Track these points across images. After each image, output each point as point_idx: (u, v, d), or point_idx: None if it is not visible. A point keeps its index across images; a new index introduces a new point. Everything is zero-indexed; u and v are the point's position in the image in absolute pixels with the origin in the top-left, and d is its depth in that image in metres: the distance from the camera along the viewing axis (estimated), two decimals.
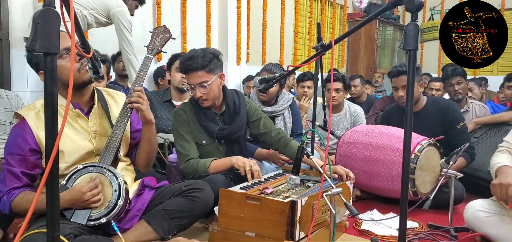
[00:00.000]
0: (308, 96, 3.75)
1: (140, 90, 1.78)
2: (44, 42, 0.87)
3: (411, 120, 1.29)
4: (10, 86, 3.29)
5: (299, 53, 6.54)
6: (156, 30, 2.03)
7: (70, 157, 1.68)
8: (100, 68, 1.47)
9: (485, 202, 2.02)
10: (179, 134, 2.24)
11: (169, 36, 2.01)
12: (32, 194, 1.62)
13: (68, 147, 1.68)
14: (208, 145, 2.27)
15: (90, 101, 1.80)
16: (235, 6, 5.10)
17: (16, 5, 3.34)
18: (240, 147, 2.38)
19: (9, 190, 1.61)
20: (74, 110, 1.73)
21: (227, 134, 2.28)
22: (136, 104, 1.75)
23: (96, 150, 1.74)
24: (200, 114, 2.25)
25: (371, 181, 2.61)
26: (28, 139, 1.62)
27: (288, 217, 1.63)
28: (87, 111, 1.78)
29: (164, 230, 1.75)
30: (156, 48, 1.97)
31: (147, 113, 1.79)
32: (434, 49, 7.94)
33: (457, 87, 3.46)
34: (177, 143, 2.25)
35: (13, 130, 1.68)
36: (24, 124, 1.64)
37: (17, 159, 1.62)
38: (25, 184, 1.63)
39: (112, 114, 1.82)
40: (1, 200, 1.63)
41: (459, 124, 2.80)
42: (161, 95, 3.05)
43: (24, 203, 1.60)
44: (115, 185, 1.64)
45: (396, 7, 3.87)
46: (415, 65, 1.30)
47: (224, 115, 2.31)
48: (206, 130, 2.26)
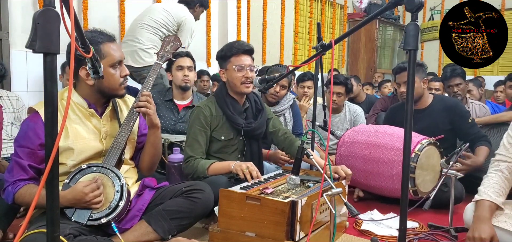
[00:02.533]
0: (308, 96, 3.75)
1: (148, 95, 1.81)
2: (44, 42, 0.87)
3: (411, 120, 1.29)
4: (10, 86, 3.29)
5: (299, 53, 6.54)
6: (166, 38, 2.12)
7: (80, 155, 1.69)
8: (100, 68, 1.47)
9: None
10: (193, 133, 2.24)
11: (179, 44, 2.11)
12: (36, 188, 1.62)
13: (79, 145, 1.69)
14: (226, 140, 2.29)
15: (105, 102, 1.82)
16: (235, 6, 5.11)
17: (16, 5, 3.34)
18: (258, 145, 2.42)
19: (15, 181, 1.61)
20: (88, 109, 1.74)
21: (253, 128, 2.31)
22: (144, 109, 1.79)
23: (105, 151, 1.76)
24: (229, 107, 2.28)
25: (371, 180, 2.61)
26: (40, 133, 1.62)
27: (288, 217, 1.63)
28: (101, 112, 1.79)
29: (164, 230, 1.74)
30: (166, 55, 2.05)
31: (154, 118, 1.82)
32: (434, 49, 7.95)
33: (456, 88, 3.47)
34: (187, 140, 2.27)
35: (25, 123, 1.68)
36: (38, 118, 1.64)
37: (26, 152, 1.62)
38: (31, 177, 1.63)
39: (122, 116, 1.85)
40: (6, 189, 1.63)
41: (469, 119, 2.84)
42: (163, 94, 3.05)
43: (27, 196, 1.60)
44: (117, 186, 1.65)
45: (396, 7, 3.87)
46: (415, 65, 1.30)
47: (247, 111, 2.36)
48: (232, 123, 2.28)
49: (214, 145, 2.29)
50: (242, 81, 2.24)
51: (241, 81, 2.24)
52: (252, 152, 2.36)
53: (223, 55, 2.31)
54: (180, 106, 3.00)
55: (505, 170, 1.91)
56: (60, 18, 0.89)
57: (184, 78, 2.95)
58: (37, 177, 1.67)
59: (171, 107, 2.98)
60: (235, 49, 2.27)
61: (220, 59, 2.34)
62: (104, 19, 3.98)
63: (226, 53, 2.29)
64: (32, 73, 3.45)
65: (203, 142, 2.24)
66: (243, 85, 2.25)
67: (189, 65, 3.00)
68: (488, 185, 1.89)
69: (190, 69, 3.01)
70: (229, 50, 2.28)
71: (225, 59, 2.29)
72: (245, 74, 2.24)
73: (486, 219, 1.78)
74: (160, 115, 2.91)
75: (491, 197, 1.83)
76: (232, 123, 2.28)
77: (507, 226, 1.78)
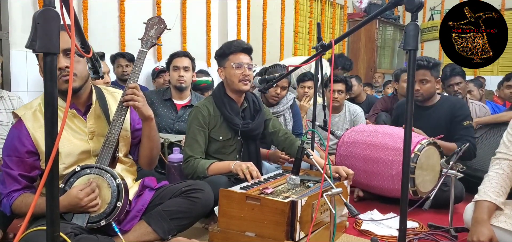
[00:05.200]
0: (309, 97, 3.75)
1: (134, 87, 1.70)
2: (44, 42, 0.87)
3: (411, 120, 1.29)
4: (9, 86, 3.29)
5: (299, 53, 6.53)
6: (150, 21, 1.88)
7: (68, 158, 1.66)
8: (100, 68, 1.47)
9: None
10: (192, 132, 2.25)
11: (164, 27, 1.88)
12: (31, 197, 1.60)
13: (65, 148, 1.65)
14: (224, 140, 2.30)
15: (88, 101, 1.75)
16: (235, 6, 5.10)
17: (16, 5, 3.34)
18: (255, 146, 2.43)
19: (9, 193, 1.60)
20: (70, 111, 1.69)
21: (250, 129, 2.32)
22: (132, 102, 1.68)
23: (94, 151, 1.71)
24: (226, 107, 2.29)
25: (371, 180, 2.61)
26: (24, 141, 1.60)
27: (288, 217, 1.63)
28: (84, 111, 1.74)
29: (164, 230, 1.74)
30: (151, 41, 1.83)
31: (144, 109, 1.71)
32: (434, 49, 7.94)
33: (456, 88, 3.47)
34: (187, 140, 2.27)
35: (11, 131, 1.66)
36: (21, 125, 1.62)
37: (15, 162, 1.60)
38: (24, 186, 1.62)
39: (111, 113, 1.78)
40: (2, 202, 1.63)
41: (466, 122, 2.82)
42: (162, 94, 3.05)
43: (23, 206, 1.59)
44: (113, 186, 1.62)
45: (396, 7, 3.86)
46: (415, 65, 1.30)
47: (245, 111, 2.37)
48: (230, 123, 2.29)
49: (212, 145, 2.30)
50: (240, 78, 2.25)
51: (239, 78, 2.25)
52: (250, 152, 2.37)
53: (221, 53, 2.32)
54: (179, 105, 3.00)
55: (506, 168, 1.91)
56: (60, 18, 0.89)
57: (179, 78, 2.94)
58: (31, 185, 1.65)
59: (170, 107, 2.98)
60: (234, 47, 2.29)
61: (218, 57, 2.35)
62: (104, 19, 3.98)
63: (224, 51, 2.30)
64: (32, 73, 3.45)
65: (202, 141, 2.24)
66: (241, 82, 2.26)
67: (185, 66, 2.99)
68: (488, 185, 1.89)
69: (187, 69, 3.00)
70: (227, 48, 2.30)
71: (223, 57, 2.31)
72: (243, 71, 2.25)
73: (485, 221, 1.78)
74: (159, 115, 2.91)
75: (490, 198, 1.83)
76: (229, 123, 2.29)
77: (506, 226, 1.78)
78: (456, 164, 2.09)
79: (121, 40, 4.10)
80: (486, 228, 1.76)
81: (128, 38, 4.11)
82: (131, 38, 4.13)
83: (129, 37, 4.12)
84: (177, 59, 3.02)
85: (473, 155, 2.80)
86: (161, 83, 4.03)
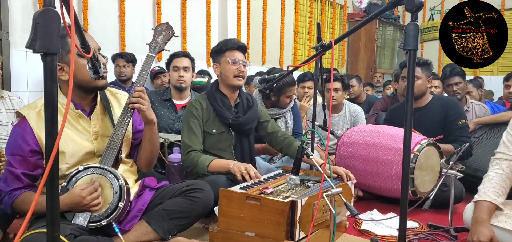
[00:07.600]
0: (309, 97, 3.75)
1: (141, 90, 1.75)
2: (44, 42, 0.87)
3: (411, 120, 1.29)
4: (9, 86, 3.29)
5: (299, 53, 6.54)
6: (158, 27, 1.98)
7: (71, 158, 1.67)
8: (100, 68, 1.47)
9: None
10: (188, 125, 2.30)
11: (172, 33, 1.98)
12: (33, 195, 1.61)
13: (69, 148, 1.66)
14: (218, 134, 2.34)
15: (92, 101, 1.77)
16: (235, 6, 5.11)
17: (16, 5, 3.35)
18: (248, 141, 2.46)
19: (10, 191, 1.60)
20: (75, 111, 1.71)
21: (240, 123, 2.36)
22: (137, 105, 1.73)
23: (97, 151, 1.73)
24: (217, 101, 2.35)
25: (370, 180, 2.61)
26: (28, 140, 1.61)
27: (288, 217, 1.63)
28: (89, 112, 1.76)
29: (164, 230, 1.74)
30: (159, 46, 1.94)
31: (148, 113, 1.76)
32: (434, 49, 7.94)
33: (456, 88, 3.47)
34: (184, 133, 2.31)
35: (14, 130, 1.66)
36: (25, 124, 1.62)
37: (18, 160, 1.61)
38: (26, 185, 1.62)
39: (114, 114, 1.80)
40: (3, 200, 1.63)
41: (460, 121, 2.81)
42: (161, 94, 3.06)
43: (24, 205, 1.59)
44: (116, 186, 1.63)
45: (396, 7, 3.87)
46: (415, 65, 1.30)
47: (238, 107, 2.41)
48: (221, 117, 2.33)
49: (207, 140, 2.33)
50: (235, 74, 2.31)
51: (234, 74, 2.31)
52: (243, 147, 2.41)
53: (218, 49, 2.39)
54: (178, 105, 3.00)
55: (506, 169, 1.91)
56: (60, 18, 0.89)
57: (179, 78, 2.95)
58: (33, 184, 1.65)
59: (169, 107, 2.99)
60: (230, 44, 2.36)
61: (214, 54, 2.41)
62: (104, 19, 3.98)
63: (221, 48, 2.37)
64: (32, 73, 3.45)
65: (198, 132, 2.30)
66: (236, 78, 2.32)
67: (185, 66, 3.00)
68: (488, 185, 1.89)
69: (187, 69, 3.00)
70: (224, 45, 2.37)
71: (219, 53, 2.37)
72: (238, 67, 2.32)
73: (484, 221, 1.78)
74: (159, 115, 2.92)
75: (490, 198, 1.83)
76: (220, 117, 2.33)
77: (507, 226, 1.78)
78: (455, 164, 2.10)
79: (121, 40, 4.10)
80: (486, 228, 1.76)
81: (128, 38, 4.12)
82: (131, 38, 4.14)
83: (129, 37, 4.12)
84: (177, 59, 3.03)
85: (469, 154, 2.80)
86: (159, 85, 4.04)
